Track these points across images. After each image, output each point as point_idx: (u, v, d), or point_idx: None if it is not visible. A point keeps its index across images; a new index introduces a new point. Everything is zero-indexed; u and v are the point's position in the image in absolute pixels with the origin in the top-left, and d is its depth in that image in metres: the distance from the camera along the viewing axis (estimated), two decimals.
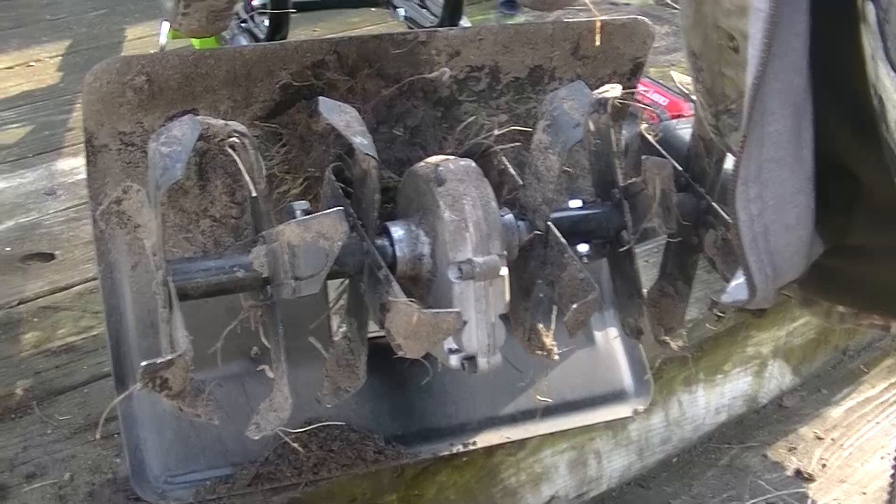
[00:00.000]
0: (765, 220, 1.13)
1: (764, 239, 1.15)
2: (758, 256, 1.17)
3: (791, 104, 1.07)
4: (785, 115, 1.07)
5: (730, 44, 1.13)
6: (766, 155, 1.09)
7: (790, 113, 1.08)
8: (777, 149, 1.09)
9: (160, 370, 1.23)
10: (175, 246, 1.61)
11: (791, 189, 1.13)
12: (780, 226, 1.14)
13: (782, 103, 1.07)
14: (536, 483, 2.06)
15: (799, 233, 1.17)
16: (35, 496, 1.68)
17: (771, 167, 1.10)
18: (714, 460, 2.33)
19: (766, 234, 1.15)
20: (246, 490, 1.65)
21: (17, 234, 2.44)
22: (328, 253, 1.31)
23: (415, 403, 1.80)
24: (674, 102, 2.56)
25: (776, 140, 1.08)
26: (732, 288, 1.31)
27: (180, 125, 1.31)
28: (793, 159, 1.11)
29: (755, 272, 1.19)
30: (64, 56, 3.60)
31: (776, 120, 1.07)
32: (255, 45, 1.50)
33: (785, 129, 1.08)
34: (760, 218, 1.13)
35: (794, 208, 1.14)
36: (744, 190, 1.11)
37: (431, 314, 1.29)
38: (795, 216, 1.15)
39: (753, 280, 1.19)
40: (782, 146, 1.09)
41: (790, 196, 1.13)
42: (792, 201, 1.13)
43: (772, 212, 1.13)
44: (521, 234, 1.47)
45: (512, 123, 1.70)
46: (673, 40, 3.50)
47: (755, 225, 1.14)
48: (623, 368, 1.93)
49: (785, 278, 1.22)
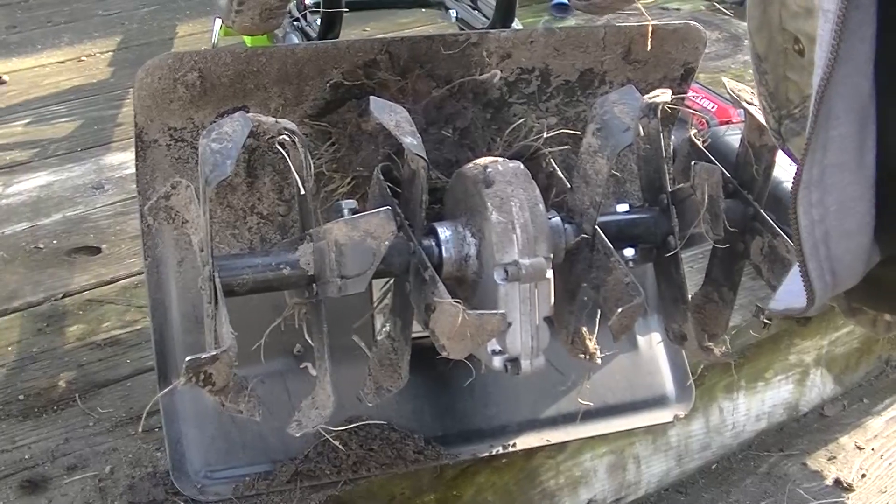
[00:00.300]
0: (826, 225, 1.12)
1: (825, 245, 1.14)
2: (818, 263, 1.16)
3: (855, 109, 1.07)
4: (849, 119, 1.07)
5: (795, 47, 1.13)
6: (829, 159, 1.09)
7: (854, 118, 1.07)
8: (840, 153, 1.08)
9: (204, 365, 1.24)
10: (222, 242, 1.62)
11: (853, 195, 1.12)
12: (840, 232, 1.13)
13: (847, 108, 1.06)
14: (575, 486, 2.06)
15: (859, 240, 1.16)
16: (75, 488, 1.69)
17: (833, 172, 1.09)
18: (753, 468, 2.32)
19: (827, 241, 1.14)
20: (285, 487, 1.66)
21: (65, 228, 2.46)
22: (375, 252, 1.31)
23: (456, 404, 1.80)
24: (723, 108, 2.55)
25: (840, 144, 1.08)
26: (783, 295, 1.30)
27: (231, 122, 1.31)
28: (855, 164, 1.10)
29: (815, 279, 1.18)
30: (115, 51, 3.62)
31: (840, 124, 1.07)
32: (308, 43, 1.51)
33: (849, 134, 1.08)
34: (822, 223, 1.12)
35: (856, 214, 1.13)
36: (806, 194, 1.11)
37: (476, 315, 1.29)
38: (857, 223, 1.14)
39: (813, 287, 1.18)
40: (846, 151, 1.08)
41: (852, 202, 1.12)
42: (853, 207, 1.12)
43: (833, 217, 1.12)
44: (567, 238, 1.47)
45: (561, 126, 1.69)
46: (723, 46, 3.49)
47: (816, 231, 1.13)
48: (665, 374, 1.92)
49: (843, 286, 1.21)
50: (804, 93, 1.15)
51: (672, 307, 1.56)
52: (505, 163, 1.45)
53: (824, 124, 1.06)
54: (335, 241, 1.31)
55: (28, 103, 3.20)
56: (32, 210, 2.54)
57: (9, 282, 2.24)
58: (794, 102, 1.18)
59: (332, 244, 1.32)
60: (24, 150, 2.86)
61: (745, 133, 1.54)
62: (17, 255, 2.34)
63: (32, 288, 2.22)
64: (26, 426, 1.82)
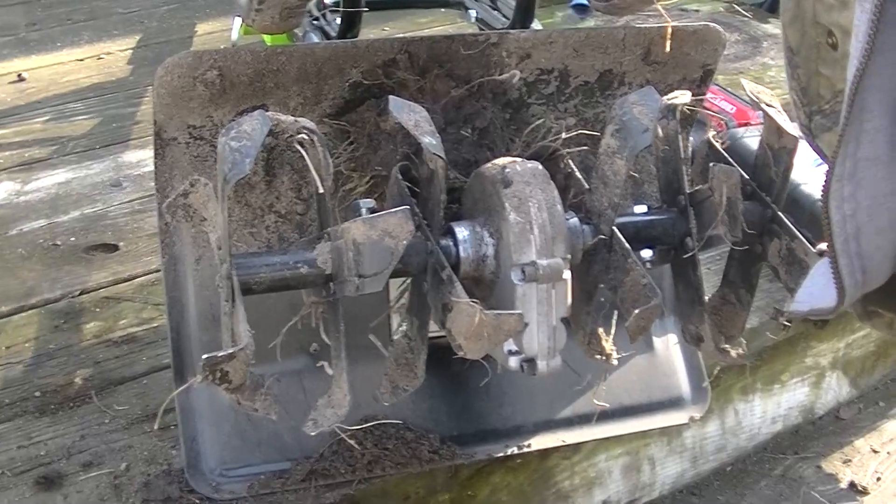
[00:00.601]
0: (857, 221, 1.12)
1: (856, 241, 1.14)
2: (849, 259, 1.16)
3: (889, 102, 1.06)
4: (883, 113, 1.06)
5: (828, 40, 1.12)
6: (862, 153, 1.08)
7: (888, 111, 1.07)
8: (874, 147, 1.08)
9: (221, 363, 1.24)
10: (240, 240, 1.62)
11: (885, 190, 1.11)
12: (872, 228, 1.13)
13: (881, 101, 1.05)
14: (589, 487, 2.06)
15: (891, 236, 1.15)
16: (90, 485, 1.70)
17: (866, 166, 1.09)
18: (768, 470, 2.32)
19: (858, 237, 1.14)
20: (300, 486, 1.66)
21: (83, 225, 2.46)
22: (393, 252, 1.32)
23: (471, 404, 1.80)
24: (741, 111, 2.55)
25: (873, 138, 1.07)
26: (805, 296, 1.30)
27: (250, 120, 1.32)
28: (888, 159, 1.09)
29: (846, 276, 1.17)
30: (134, 49, 3.63)
31: (874, 117, 1.06)
32: (327, 42, 1.51)
33: (882, 128, 1.07)
34: (853, 219, 1.12)
35: (888, 210, 1.13)
36: (838, 188, 1.10)
37: (493, 315, 1.29)
38: (888, 219, 1.13)
39: (843, 284, 1.18)
40: (879, 145, 1.08)
41: (883, 198, 1.12)
42: (885, 203, 1.12)
43: (865, 213, 1.12)
44: (585, 238, 1.47)
45: (580, 127, 1.70)
46: (742, 48, 3.48)
47: (847, 226, 1.13)
48: (681, 375, 1.92)
49: (871, 285, 1.20)
50: (836, 88, 1.15)
51: (689, 309, 1.56)
52: (523, 163, 1.45)
53: (858, 117, 1.06)
54: (353, 240, 1.31)
55: (47, 101, 3.21)
56: (51, 207, 2.55)
57: (26, 278, 2.25)
58: (825, 98, 1.18)
59: (349, 243, 1.32)
60: (42, 148, 2.87)
61: (763, 135, 1.53)
62: (35, 252, 2.35)
63: (50, 285, 2.23)
64: (42, 423, 1.82)
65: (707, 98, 1.79)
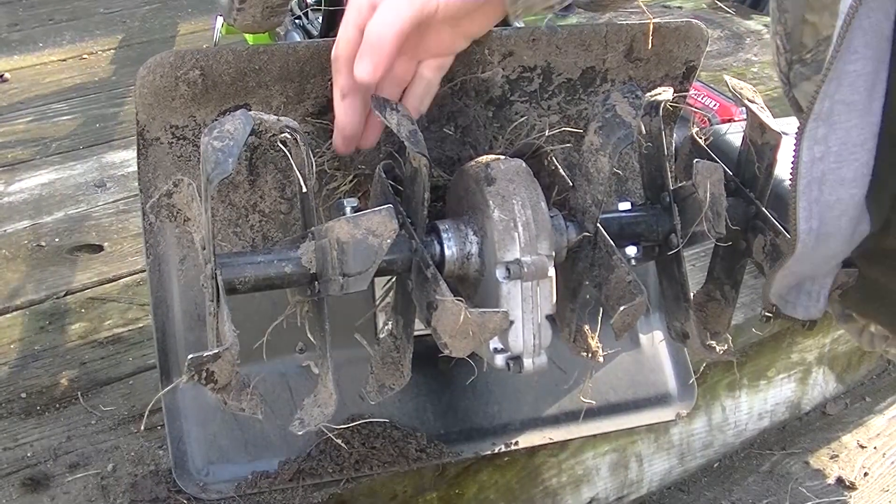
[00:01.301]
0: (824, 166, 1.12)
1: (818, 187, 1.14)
2: (808, 203, 1.16)
3: (873, 47, 1.07)
4: (867, 56, 1.07)
5: None
6: (840, 95, 1.09)
7: (871, 56, 1.07)
8: (852, 91, 1.08)
9: (206, 363, 1.23)
10: (224, 240, 1.62)
11: (856, 139, 1.12)
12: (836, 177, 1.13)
13: (867, 44, 1.06)
14: (577, 485, 2.06)
15: (852, 191, 1.16)
16: (77, 486, 1.69)
17: (842, 110, 1.09)
18: (755, 466, 2.33)
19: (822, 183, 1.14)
20: (287, 485, 1.66)
21: (67, 226, 2.46)
22: (377, 250, 1.31)
23: (458, 403, 1.80)
24: (725, 107, 2.55)
25: (853, 81, 1.08)
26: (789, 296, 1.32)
27: (233, 120, 1.31)
28: (863, 107, 1.10)
29: (801, 220, 1.18)
30: (116, 49, 3.63)
31: (857, 59, 1.07)
32: (309, 41, 1.50)
33: (864, 72, 1.08)
34: (821, 163, 1.12)
35: (855, 162, 1.13)
36: (813, 127, 1.11)
37: (478, 313, 1.29)
38: (854, 171, 1.14)
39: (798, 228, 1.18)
40: (857, 90, 1.08)
41: (854, 147, 1.12)
42: (854, 153, 1.13)
43: (833, 159, 1.12)
44: (569, 236, 1.47)
45: (563, 125, 1.70)
46: (725, 44, 3.49)
47: (814, 169, 1.13)
48: (667, 372, 1.92)
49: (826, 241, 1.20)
50: (820, 35, 1.15)
51: (674, 305, 1.56)
52: (507, 161, 1.44)
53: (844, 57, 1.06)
54: (337, 239, 1.31)
55: (30, 101, 3.21)
56: (34, 208, 2.54)
57: (11, 280, 2.25)
58: (808, 47, 1.17)
59: (334, 242, 1.32)
60: (25, 148, 2.87)
61: (746, 131, 1.54)
62: (19, 253, 2.34)
63: (34, 286, 2.23)
64: (28, 424, 1.82)
65: (690, 94, 1.79)
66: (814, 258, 1.26)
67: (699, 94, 2.61)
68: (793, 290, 1.38)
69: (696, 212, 1.46)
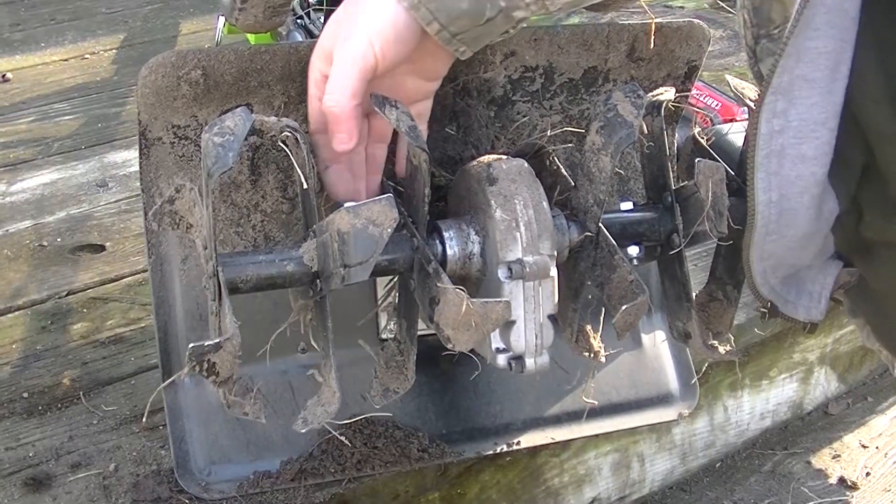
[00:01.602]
0: (783, 139, 1.12)
1: (777, 160, 1.14)
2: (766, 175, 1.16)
3: (836, 26, 1.07)
4: (828, 35, 1.07)
5: None
6: (800, 71, 1.09)
7: (834, 35, 1.07)
8: (813, 68, 1.08)
9: (208, 354, 1.23)
10: (226, 240, 1.62)
11: (816, 117, 1.11)
12: (797, 153, 1.13)
13: (828, 22, 1.06)
14: (579, 484, 2.06)
15: (813, 168, 1.15)
16: (79, 486, 1.69)
17: (802, 85, 1.09)
18: (757, 466, 2.32)
19: (781, 157, 1.14)
20: (289, 485, 1.66)
21: (69, 226, 2.46)
22: (378, 240, 1.31)
23: (460, 402, 1.80)
24: (726, 107, 2.55)
25: (814, 58, 1.08)
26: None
27: (233, 117, 1.31)
28: (825, 85, 1.10)
29: (759, 191, 1.18)
30: (118, 49, 3.63)
31: (818, 37, 1.07)
32: (311, 41, 1.50)
33: (825, 51, 1.08)
34: (780, 136, 1.12)
35: (815, 140, 1.13)
36: (772, 101, 1.11)
37: (481, 303, 1.29)
38: (814, 148, 1.14)
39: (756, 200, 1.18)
40: (818, 67, 1.08)
41: (815, 125, 1.12)
42: (815, 131, 1.12)
43: (793, 134, 1.12)
44: (571, 235, 1.47)
45: (565, 124, 1.70)
46: (727, 44, 3.49)
47: (773, 142, 1.13)
48: (669, 372, 1.92)
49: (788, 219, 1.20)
50: (787, 12, 1.14)
51: (676, 305, 1.56)
52: (509, 160, 1.44)
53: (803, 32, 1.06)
54: (338, 230, 1.31)
55: (32, 101, 3.21)
56: (36, 208, 2.54)
57: (13, 279, 2.25)
58: (776, 22, 1.17)
59: (334, 234, 1.31)
60: (27, 148, 2.87)
61: (748, 131, 1.54)
62: (21, 253, 2.34)
63: (36, 286, 2.23)
64: (30, 424, 1.82)
65: (692, 94, 1.79)
66: (785, 236, 1.26)
67: (701, 93, 2.61)
68: (793, 290, 1.38)
69: (698, 211, 1.46)
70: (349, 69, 1.32)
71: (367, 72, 1.33)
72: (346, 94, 1.33)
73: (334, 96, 1.33)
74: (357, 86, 1.33)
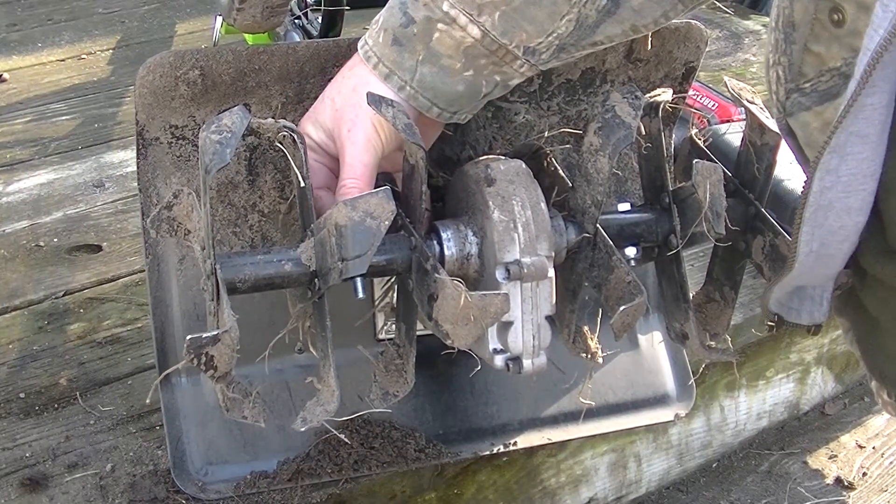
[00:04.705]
0: (832, 195, 1.12)
1: (824, 214, 1.14)
2: (811, 228, 1.16)
3: (891, 81, 1.06)
4: (884, 90, 1.06)
5: (832, 17, 1.12)
6: (855, 128, 1.08)
7: (888, 90, 1.06)
8: (867, 124, 1.08)
9: (206, 346, 1.22)
10: (223, 240, 1.62)
11: (866, 171, 1.11)
12: (843, 206, 1.13)
13: (885, 77, 1.05)
14: (576, 485, 2.06)
15: (857, 219, 1.15)
16: (76, 486, 1.69)
17: (855, 141, 1.09)
18: (754, 466, 2.32)
19: (828, 210, 1.14)
20: (286, 485, 1.66)
21: (65, 226, 2.45)
22: (375, 232, 1.30)
23: (457, 403, 1.80)
24: (724, 107, 2.55)
25: (869, 115, 1.07)
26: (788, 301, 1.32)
27: (230, 115, 1.31)
28: (876, 139, 1.09)
29: (802, 243, 1.18)
30: (115, 49, 3.62)
31: (876, 93, 1.06)
32: (309, 41, 1.50)
33: (880, 105, 1.07)
34: (829, 192, 1.12)
35: (862, 192, 1.13)
36: (828, 159, 1.10)
37: (479, 296, 1.29)
38: (860, 200, 1.14)
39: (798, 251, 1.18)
40: (872, 123, 1.08)
41: (863, 178, 1.12)
42: (863, 184, 1.12)
43: (841, 188, 1.12)
44: (569, 236, 1.47)
45: (562, 125, 1.70)
46: (724, 45, 3.49)
47: (822, 197, 1.13)
48: (666, 373, 1.92)
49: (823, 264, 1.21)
50: (824, 66, 1.14)
51: (673, 306, 1.56)
52: (507, 161, 1.44)
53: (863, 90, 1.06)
54: (335, 223, 1.30)
55: (28, 101, 3.20)
56: (33, 208, 2.54)
57: (9, 280, 2.24)
58: (808, 76, 1.17)
59: (332, 229, 1.31)
60: (24, 148, 2.86)
61: (746, 132, 1.54)
62: (18, 254, 2.34)
63: (33, 286, 2.22)
64: (27, 424, 1.82)
65: (689, 95, 1.79)
66: (813, 275, 1.26)
67: (698, 94, 2.61)
68: (795, 297, 1.38)
69: (695, 212, 1.46)
70: (363, 156, 1.42)
71: (377, 156, 1.43)
72: (365, 180, 1.41)
73: (356, 183, 1.41)
74: (372, 170, 1.42)
